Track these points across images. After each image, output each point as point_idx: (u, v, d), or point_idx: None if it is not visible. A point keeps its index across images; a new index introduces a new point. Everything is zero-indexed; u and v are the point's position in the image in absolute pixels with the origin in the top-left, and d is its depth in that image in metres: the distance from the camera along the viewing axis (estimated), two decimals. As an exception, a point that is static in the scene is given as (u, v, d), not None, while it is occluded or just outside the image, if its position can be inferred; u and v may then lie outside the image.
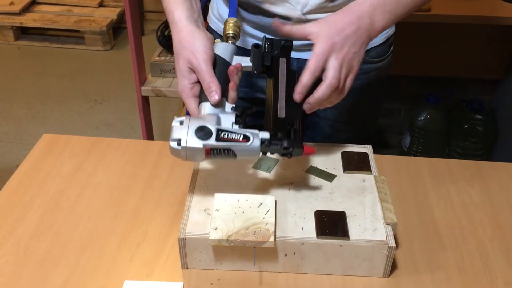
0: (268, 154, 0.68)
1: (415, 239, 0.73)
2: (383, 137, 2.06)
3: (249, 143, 0.64)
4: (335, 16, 0.71)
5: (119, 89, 2.58)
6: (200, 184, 0.74)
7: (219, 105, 0.68)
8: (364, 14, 0.71)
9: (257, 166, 0.78)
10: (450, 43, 1.74)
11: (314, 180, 0.75)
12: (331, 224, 0.67)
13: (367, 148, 0.82)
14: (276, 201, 0.70)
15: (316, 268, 0.67)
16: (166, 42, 1.70)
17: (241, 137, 0.64)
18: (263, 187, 0.74)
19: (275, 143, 0.65)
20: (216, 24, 0.93)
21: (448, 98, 1.84)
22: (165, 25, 1.75)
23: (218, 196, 0.69)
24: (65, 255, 0.70)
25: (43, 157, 0.87)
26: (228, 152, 0.64)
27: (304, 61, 0.87)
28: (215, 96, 0.67)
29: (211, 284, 0.66)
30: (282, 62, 0.73)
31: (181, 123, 0.65)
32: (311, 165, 0.78)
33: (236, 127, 0.66)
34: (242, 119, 0.67)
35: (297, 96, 0.68)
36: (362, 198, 0.72)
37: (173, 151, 0.64)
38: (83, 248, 0.71)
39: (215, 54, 0.70)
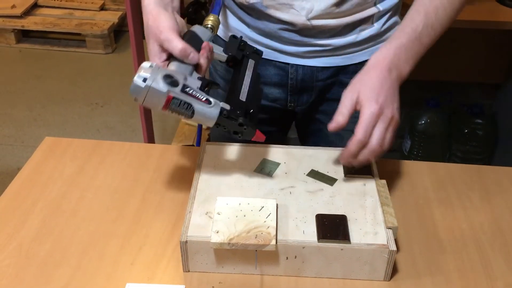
0: (269, 158, 0.68)
1: (416, 243, 0.73)
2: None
3: (209, 106, 0.66)
4: (368, 74, 0.74)
5: (120, 92, 2.59)
6: (202, 187, 0.74)
7: (186, 67, 0.69)
8: (392, 66, 0.74)
9: (258, 170, 0.78)
10: (451, 47, 1.75)
11: (315, 183, 0.76)
12: (332, 227, 0.67)
13: (368, 152, 0.82)
14: (277, 204, 0.70)
15: (317, 272, 0.68)
16: (167, 45, 1.71)
17: (204, 98, 0.67)
18: (264, 191, 0.74)
19: (232, 117, 0.68)
20: (222, 32, 0.94)
21: (449, 102, 1.85)
22: (167, 29, 1.76)
23: (220, 200, 0.70)
24: (66, 258, 0.70)
25: (45, 160, 0.87)
26: (187, 108, 0.65)
27: (308, 68, 0.88)
28: (194, 56, 0.68)
29: (213, 287, 0.66)
30: (251, 62, 0.78)
31: (151, 66, 0.65)
32: (312, 169, 0.78)
33: (199, 92, 0.68)
34: (206, 90, 0.70)
35: (343, 161, 0.71)
36: (363, 202, 0.72)
37: (135, 88, 0.64)
38: (84, 251, 0.71)
39: (191, 30, 0.72)
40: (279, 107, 0.95)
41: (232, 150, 0.82)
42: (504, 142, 1.84)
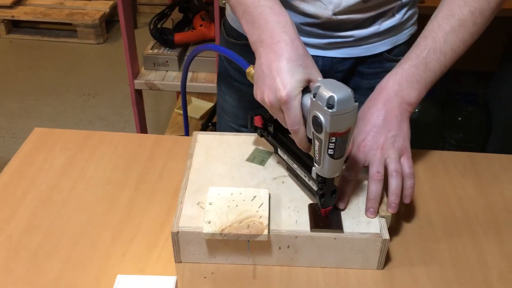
0: (260, 147, 0.67)
1: (409, 232, 0.73)
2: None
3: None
4: (362, 109, 0.72)
5: (112, 82, 2.57)
6: (194, 178, 0.73)
7: None
8: (391, 94, 0.72)
9: (251, 159, 0.77)
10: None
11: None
12: (325, 217, 0.67)
13: (361, 141, 0.81)
14: (270, 194, 0.70)
15: (310, 261, 0.67)
16: (159, 35, 1.69)
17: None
18: (256, 180, 0.73)
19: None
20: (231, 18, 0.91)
21: (441, 91, 1.85)
22: (158, 18, 1.74)
23: (212, 190, 0.69)
24: (57, 250, 0.69)
25: (35, 151, 0.86)
26: (341, 149, 0.60)
27: (328, 59, 0.86)
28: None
29: (205, 277, 0.66)
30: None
31: None
32: (305, 158, 0.78)
33: None
34: None
35: (369, 214, 0.68)
36: (357, 191, 0.72)
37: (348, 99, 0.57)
38: (75, 243, 0.70)
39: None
40: None
41: (224, 140, 0.81)
42: (497, 130, 1.84)
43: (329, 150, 0.60)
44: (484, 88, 1.92)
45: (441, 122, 1.88)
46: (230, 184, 0.72)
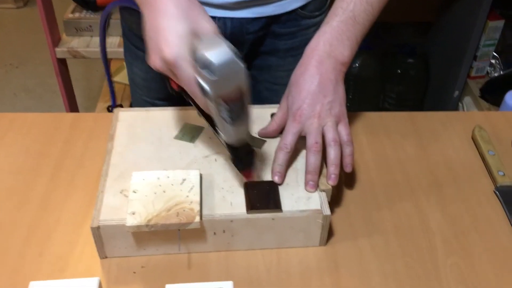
0: (190, 122, 0.61)
1: (351, 202, 0.69)
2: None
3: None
4: (302, 76, 0.66)
5: (36, 51, 2.37)
6: (116, 162, 0.66)
7: None
8: (323, 57, 0.66)
9: (179, 137, 0.70)
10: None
11: (243, 147, 0.69)
12: (262, 196, 0.62)
13: (298, 108, 0.76)
14: (201, 175, 0.64)
15: (248, 244, 0.63)
16: (79, -4, 1.54)
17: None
18: (186, 160, 0.67)
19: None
20: None
21: (380, 44, 1.82)
22: (77, -22, 1.58)
23: (136, 175, 0.62)
24: (-38, 256, 0.61)
25: None
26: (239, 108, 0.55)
27: (237, 21, 0.79)
28: None
29: (134, 273, 0.60)
30: None
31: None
32: (238, 131, 0.72)
33: None
34: None
35: (276, 179, 0.64)
36: (295, 164, 0.67)
37: (230, 61, 0.51)
38: (-16, 246, 0.62)
39: None
40: None
41: (149, 116, 0.73)
42: (435, 80, 1.85)
43: (225, 116, 0.55)
44: (422, 39, 1.91)
45: (381, 76, 1.87)
46: (157, 166, 0.66)
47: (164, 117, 0.73)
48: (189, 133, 0.71)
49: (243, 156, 0.61)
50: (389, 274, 0.61)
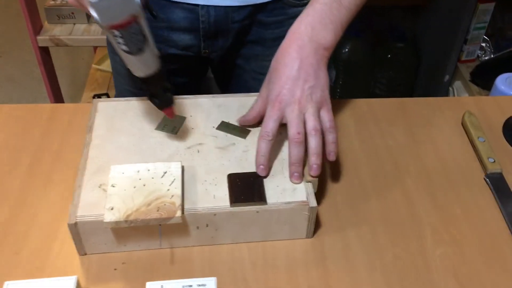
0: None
1: (339, 192, 0.68)
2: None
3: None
4: (282, 61, 0.64)
5: (20, 38, 2.32)
6: (94, 155, 0.64)
7: None
8: (304, 40, 0.63)
9: (161, 127, 0.68)
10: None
11: (226, 138, 0.67)
12: (246, 188, 0.60)
13: (283, 96, 0.74)
14: (183, 167, 0.62)
15: (233, 238, 0.61)
16: (60, -18, 1.50)
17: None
18: (168, 152, 0.65)
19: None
20: None
21: (370, 28, 1.79)
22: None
23: (114, 169, 0.60)
24: None
25: None
26: (140, 41, 0.54)
27: (221, 9, 0.77)
28: None
29: (115, 269, 0.58)
30: None
31: None
32: (222, 121, 0.69)
33: None
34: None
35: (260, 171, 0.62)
36: (280, 154, 0.65)
37: None
38: (-42, 244, 0.60)
39: None
40: (191, 55, 0.84)
41: (129, 106, 0.71)
42: (426, 65, 1.83)
43: (121, 46, 0.54)
44: (412, 23, 1.89)
45: (371, 61, 1.84)
46: (137, 159, 0.63)
47: (145, 107, 0.71)
48: (170, 123, 0.68)
49: (160, 93, 0.60)
50: (377, 266, 0.59)
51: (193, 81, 0.94)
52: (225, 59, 0.87)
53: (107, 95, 1.79)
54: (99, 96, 1.76)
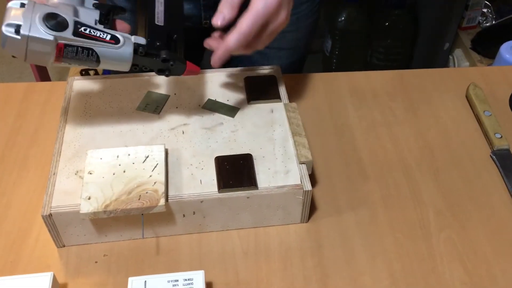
0: (154, 90, 0.53)
1: (336, 173, 0.63)
2: (304, 43, 1.93)
3: (118, 45, 0.51)
4: None
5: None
6: (69, 139, 0.59)
7: None
8: None
9: (142, 107, 0.63)
10: None
11: (214, 117, 0.62)
12: (235, 171, 0.55)
13: (274, 70, 0.69)
14: (166, 150, 0.57)
15: (222, 225, 0.56)
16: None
17: (108, 37, 0.51)
18: (151, 134, 0.60)
19: (152, 53, 0.53)
20: None
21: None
22: None
23: (91, 154, 0.55)
24: None
25: None
26: (88, 54, 0.50)
27: None
28: None
29: (96, 262, 0.54)
30: None
31: (22, 5, 0.48)
32: (209, 98, 0.64)
33: (100, 27, 0.52)
34: (109, 21, 0.53)
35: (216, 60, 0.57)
36: (271, 134, 0.60)
37: (9, 43, 0.47)
38: None
39: None
40: (191, 26, 0.78)
41: (108, 85, 0.65)
42: (425, 33, 1.77)
43: (84, 64, 0.51)
44: (410, -11, 1.81)
45: (368, 29, 1.78)
46: (117, 142, 0.58)
47: (125, 86, 0.65)
48: (153, 103, 0.63)
49: (161, 66, 0.55)
50: (377, 252, 0.55)
51: (194, 55, 0.88)
52: (226, 31, 0.81)
53: (96, 71, 1.72)
54: (86, 71, 1.69)
